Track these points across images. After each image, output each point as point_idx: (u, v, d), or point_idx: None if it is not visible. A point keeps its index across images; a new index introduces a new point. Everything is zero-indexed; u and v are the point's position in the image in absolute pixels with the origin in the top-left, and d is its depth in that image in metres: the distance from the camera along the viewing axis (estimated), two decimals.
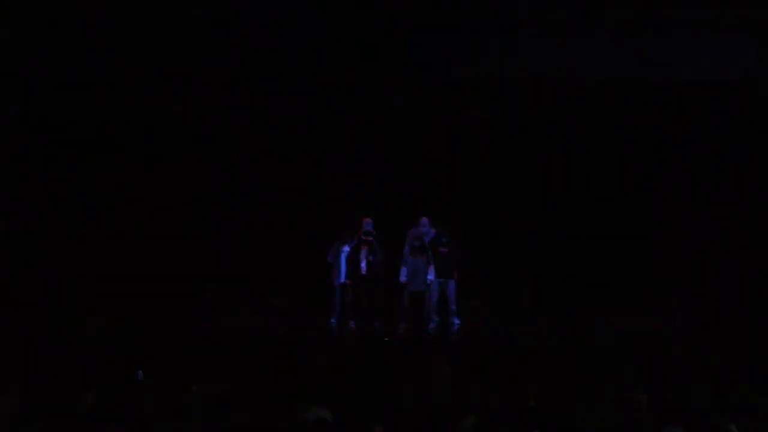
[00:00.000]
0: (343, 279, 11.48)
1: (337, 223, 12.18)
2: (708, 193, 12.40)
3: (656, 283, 12.55)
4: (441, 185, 13.12)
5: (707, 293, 12.07)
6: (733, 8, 10.46)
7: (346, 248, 11.51)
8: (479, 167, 13.20)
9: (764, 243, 11.87)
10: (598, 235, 13.04)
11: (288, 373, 8.62)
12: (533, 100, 11.94)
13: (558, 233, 12.99)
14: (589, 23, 10.53)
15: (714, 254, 12.24)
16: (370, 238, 11.31)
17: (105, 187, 12.87)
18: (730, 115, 11.93)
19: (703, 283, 12.16)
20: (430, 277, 11.31)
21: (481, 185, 13.15)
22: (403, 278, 11.41)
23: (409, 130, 13.16)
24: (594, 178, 13.22)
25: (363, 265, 11.23)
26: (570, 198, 13.10)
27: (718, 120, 12.16)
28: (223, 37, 10.74)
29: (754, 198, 12.03)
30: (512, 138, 13.07)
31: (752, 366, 9.64)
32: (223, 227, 13.08)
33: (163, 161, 13.04)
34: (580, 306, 12.70)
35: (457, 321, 11.55)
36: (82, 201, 12.58)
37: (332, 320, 11.70)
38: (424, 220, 11.69)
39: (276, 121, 13.07)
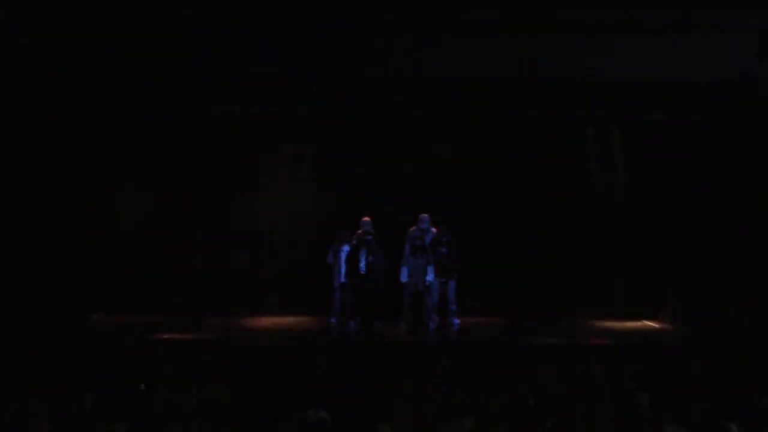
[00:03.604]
0: (342, 279, 11.47)
1: (336, 222, 12.19)
2: (707, 192, 12.41)
3: (656, 283, 12.56)
4: (441, 185, 13.14)
5: (707, 293, 12.07)
6: (733, 8, 10.45)
7: (346, 248, 11.51)
8: (479, 167, 13.21)
9: (764, 243, 11.87)
10: (598, 234, 13.06)
11: (288, 374, 8.61)
12: (533, 100, 11.95)
13: (558, 233, 13.00)
14: (589, 23, 10.52)
15: (714, 253, 12.24)
16: (369, 238, 11.30)
17: (106, 186, 12.90)
18: (730, 115, 11.94)
19: (703, 283, 12.16)
20: (430, 277, 11.31)
21: (481, 185, 13.16)
22: (403, 278, 11.41)
23: (409, 130, 13.18)
24: (593, 178, 13.25)
25: (362, 265, 11.23)
26: (570, 197, 13.12)
27: (718, 120, 12.17)
28: (222, 37, 10.72)
29: (754, 198, 12.03)
30: (512, 137, 13.09)
31: (753, 366, 9.64)
32: (223, 226, 13.09)
33: (163, 160, 13.06)
34: (580, 306, 12.72)
35: (456, 321, 11.55)
36: (81, 200, 12.59)
37: (332, 320, 11.70)
38: (425, 216, 11.69)
39: (276, 120, 13.09)
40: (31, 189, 11.98)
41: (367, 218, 11.55)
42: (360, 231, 11.46)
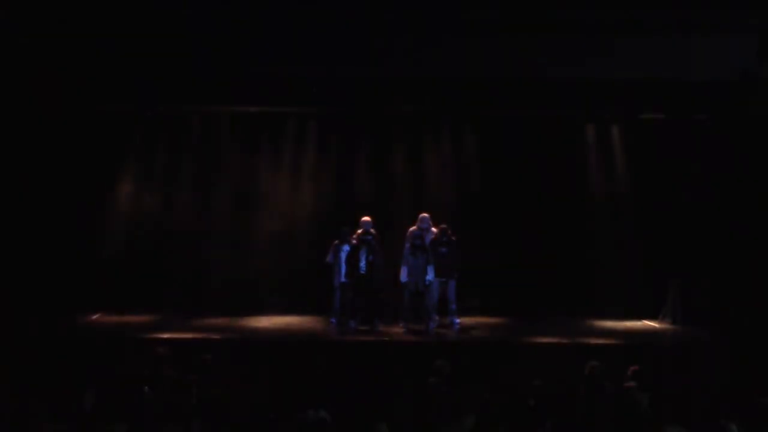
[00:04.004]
0: (343, 278, 11.47)
1: (336, 222, 12.20)
2: (708, 192, 12.41)
3: (656, 283, 12.56)
4: (441, 185, 13.14)
5: (707, 293, 12.07)
6: (733, 8, 10.44)
7: (346, 248, 11.50)
8: (479, 167, 13.21)
9: (764, 243, 11.87)
10: (598, 234, 13.05)
11: (288, 373, 8.62)
12: (533, 100, 11.93)
13: (558, 233, 13.00)
14: (589, 23, 10.51)
15: (714, 253, 12.25)
16: (369, 238, 11.30)
17: (106, 186, 12.90)
18: (730, 115, 11.94)
19: (704, 283, 12.16)
20: (430, 276, 11.29)
21: (481, 185, 13.16)
22: (403, 278, 11.40)
23: (409, 129, 13.18)
24: (593, 178, 13.23)
25: (362, 264, 11.22)
26: (570, 197, 13.12)
27: (718, 120, 12.17)
28: (222, 37, 10.71)
29: (754, 198, 12.03)
30: (512, 137, 13.08)
31: (753, 366, 9.65)
32: (223, 226, 13.08)
33: (163, 160, 13.06)
34: (580, 306, 12.72)
35: (456, 321, 11.54)
36: (81, 200, 12.59)
37: (332, 320, 11.70)
38: (425, 216, 11.69)
39: (276, 120, 13.09)
40: (32, 189, 12.00)
41: (367, 218, 11.54)
42: (360, 231, 11.45)
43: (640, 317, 12.49)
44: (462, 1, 10.52)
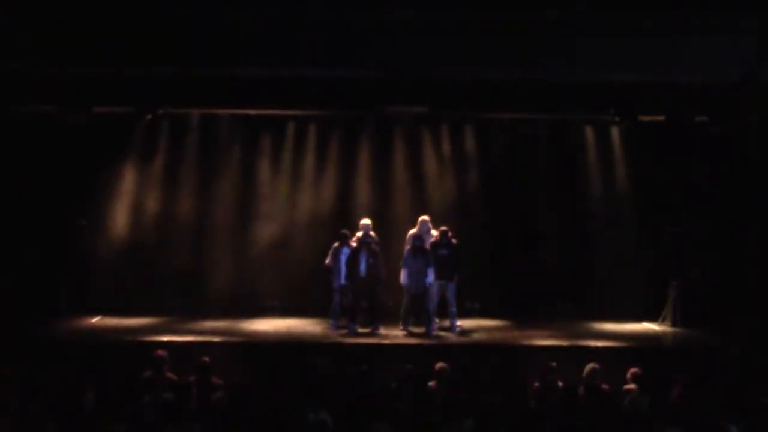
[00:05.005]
0: (342, 281, 11.45)
1: (336, 224, 12.19)
2: (708, 193, 12.41)
3: (656, 284, 12.55)
4: (441, 186, 13.13)
5: (707, 294, 12.07)
6: (733, 9, 10.44)
7: (346, 250, 11.48)
8: (479, 167, 13.21)
9: (764, 244, 11.87)
10: (599, 235, 13.05)
11: (288, 376, 8.61)
12: (533, 100, 11.93)
13: (558, 233, 13.00)
14: (590, 24, 10.51)
15: (714, 254, 12.25)
16: (369, 240, 11.29)
17: (106, 188, 12.89)
18: (730, 115, 11.93)
19: (704, 285, 12.16)
20: (430, 278, 11.28)
21: (481, 186, 13.16)
22: (403, 280, 11.39)
23: (409, 129, 13.17)
24: (592, 179, 13.23)
25: (362, 267, 11.20)
26: (570, 198, 13.11)
27: (718, 121, 12.16)
28: (222, 37, 10.70)
29: (754, 198, 12.03)
30: (512, 138, 13.09)
31: (753, 366, 9.65)
32: (223, 229, 13.07)
33: (163, 162, 13.04)
34: (580, 306, 12.72)
35: (456, 323, 11.52)
36: (81, 201, 12.59)
37: (332, 323, 11.67)
38: (425, 218, 11.68)
39: (275, 122, 13.08)
40: (31, 190, 12.01)
41: (366, 221, 11.53)
42: (360, 233, 11.44)
43: (640, 319, 12.48)
44: (462, 1, 10.50)
